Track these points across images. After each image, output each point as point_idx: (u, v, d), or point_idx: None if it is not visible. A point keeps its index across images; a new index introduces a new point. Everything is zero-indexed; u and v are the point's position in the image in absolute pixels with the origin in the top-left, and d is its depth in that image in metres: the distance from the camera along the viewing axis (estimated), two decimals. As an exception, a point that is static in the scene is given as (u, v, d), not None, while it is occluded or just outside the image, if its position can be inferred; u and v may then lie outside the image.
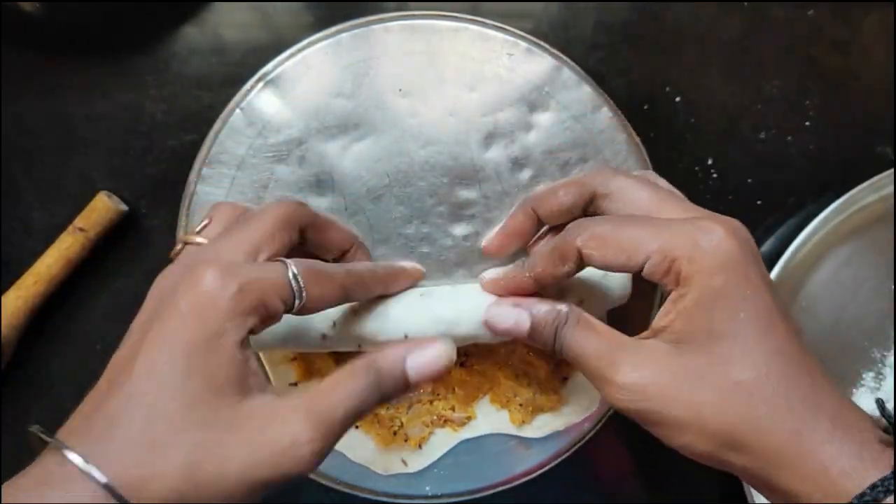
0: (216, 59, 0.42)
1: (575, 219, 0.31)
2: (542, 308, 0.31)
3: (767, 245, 0.43)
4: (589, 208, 0.33)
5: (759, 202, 0.44)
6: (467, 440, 0.40)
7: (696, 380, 0.27)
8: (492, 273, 0.34)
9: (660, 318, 0.28)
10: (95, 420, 0.24)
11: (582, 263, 0.30)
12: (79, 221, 0.40)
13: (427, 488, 0.39)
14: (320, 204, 0.37)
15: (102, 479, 0.23)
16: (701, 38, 0.43)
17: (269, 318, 0.27)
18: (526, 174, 0.38)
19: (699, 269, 0.27)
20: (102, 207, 0.40)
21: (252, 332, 0.26)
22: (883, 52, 0.44)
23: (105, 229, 0.41)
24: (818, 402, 0.26)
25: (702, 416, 0.26)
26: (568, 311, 0.30)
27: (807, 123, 0.44)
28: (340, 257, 0.35)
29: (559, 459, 0.39)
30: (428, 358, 0.28)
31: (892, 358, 0.43)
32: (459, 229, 0.38)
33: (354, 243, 0.35)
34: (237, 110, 0.37)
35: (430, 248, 0.37)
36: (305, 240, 0.32)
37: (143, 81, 0.42)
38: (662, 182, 0.34)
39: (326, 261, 0.33)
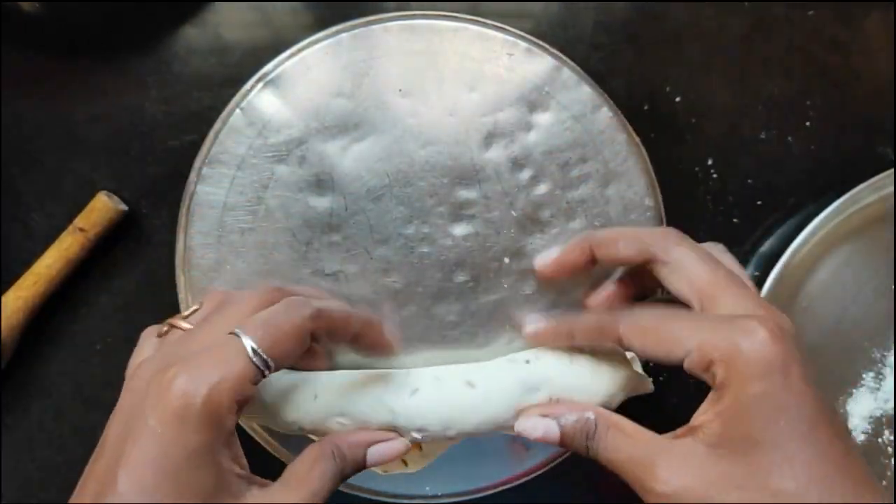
0: (216, 59, 0.42)
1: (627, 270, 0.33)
2: (571, 419, 0.31)
3: (767, 245, 0.43)
4: (646, 267, 0.32)
5: (759, 202, 0.44)
6: (467, 440, 0.40)
7: (734, 489, 0.26)
8: (533, 326, 0.35)
9: (697, 416, 0.28)
10: None
11: (622, 345, 0.30)
12: (79, 221, 0.40)
13: (427, 488, 0.39)
14: (320, 204, 0.37)
15: None
16: (701, 38, 0.43)
17: (245, 402, 0.27)
18: (526, 174, 0.38)
19: (737, 376, 0.26)
20: (102, 207, 0.40)
21: (231, 430, 0.26)
22: (883, 52, 0.44)
23: (105, 229, 0.41)
24: None
25: None
26: (596, 418, 0.30)
27: (807, 123, 0.44)
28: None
29: (559, 459, 0.39)
30: (387, 449, 0.32)
31: (892, 358, 0.43)
32: (459, 229, 0.38)
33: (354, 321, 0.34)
34: (237, 110, 0.37)
35: (430, 248, 0.37)
36: None
37: (143, 81, 0.42)
38: (727, 258, 0.32)
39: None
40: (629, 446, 0.29)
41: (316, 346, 0.32)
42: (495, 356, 0.37)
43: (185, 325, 0.30)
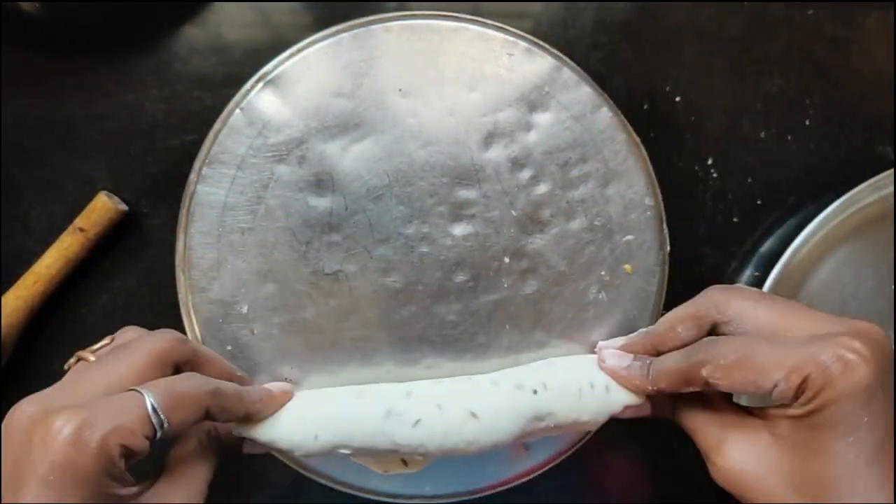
0: (216, 59, 0.42)
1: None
2: (682, 362, 0.30)
3: (767, 245, 0.43)
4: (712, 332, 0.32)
5: (759, 202, 0.44)
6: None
7: (790, 487, 0.27)
8: (612, 361, 0.34)
9: (776, 403, 0.28)
10: None
11: (707, 389, 0.30)
12: (79, 221, 0.40)
13: (427, 488, 0.39)
14: (320, 204, 0.37)
15: None
16: (701, 37, 0.43)
17: (132, 457, 0.27)
18: (526, 174, 0.38)
19: (821, 399, 0.26)
20: (102, 207, 0.40)
21: (121, 471, 0.26)
22: (883, 52, 0.44)
23: (105, 229, 0.41)
24: None
25: None
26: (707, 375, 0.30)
27: (807, 123, 0.44)
28: None
29: (559, 459, 0.39)
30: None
31: (892, 358, 0.43)
32: (459, 229, 0.38)
33: (234, 379, 0.34)
34: (237, 110, 0.37)
35: (430, 248, 0.37)
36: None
37: (144, 81, 0.42)
38: (779, 298, 0.32)
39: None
40: (705, 416, 0.30)
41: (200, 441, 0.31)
42: (497, 360, 0.37)
43: (90, 357, 0.30)
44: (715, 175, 0.44)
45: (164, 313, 0.40)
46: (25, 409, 0.27)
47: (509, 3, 0.42)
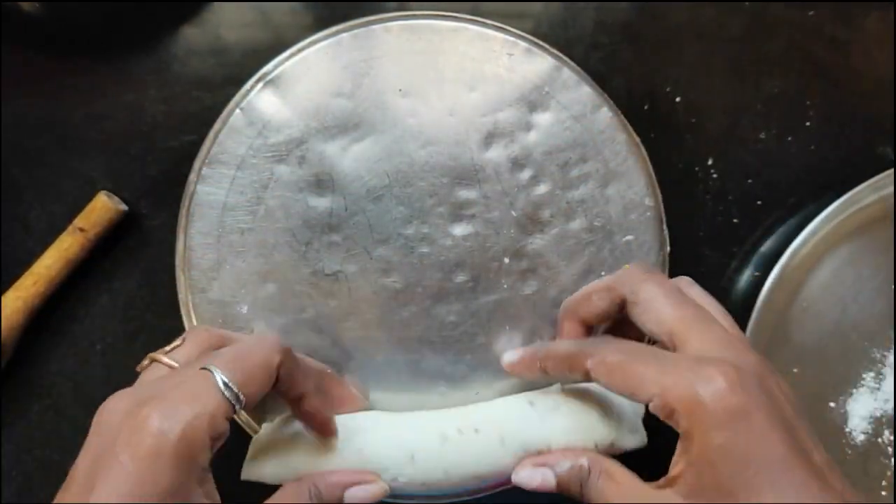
0: (216, 59, 0.42)
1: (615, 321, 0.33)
2: (565, 465, 0.31)
3: (767, 245, 0.43)
4: (623, 311, 0.33)
5: (759, 202, 0.44)
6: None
7: None
8: (509, 358, 0.36)
9: (673, 466, 0.28)
10: None
11: (591, 380, 0.30)
12: (79, 221, 0.40)
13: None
14: (320, 204, 0.37)
15: None
16: (701, 37, 0.43)
17: (219, 438, 0.27)
18: (526, 174, 0.38)
19: (699, 426, 0.26)
20: (102, 207, 0.40)
21: (203, 465, 0.26)
22: (883, 53, 0.44)
23: (105, 229, 0.41)
24: None
25: None
26: (589, 464, 0.31)
27: (807, 123, 0.44)
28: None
29: (559, 459, 0.39)
30: (364, 492, 0.32)
31: (892, 358, 0.43)
32: (459, 229, 0.38)
33: (324, 376, 0.35)
34: (237, 110, 0.37)
35: (430, 248, 0.37)
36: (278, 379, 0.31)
37: (143, 82, 0.42)
38: (696, 291, 0.33)
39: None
40: (617, 495, 0.29)
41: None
42: (497, 362, 0.37)
43: (167, 360, 0.30)
44: (715, 175, 0.44)
45: (164, 313, 0.40)
46: (118, 404, 0.27)
47: (509, 3, 0.42)
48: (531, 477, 0.32)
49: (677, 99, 0.43)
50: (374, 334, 0.37)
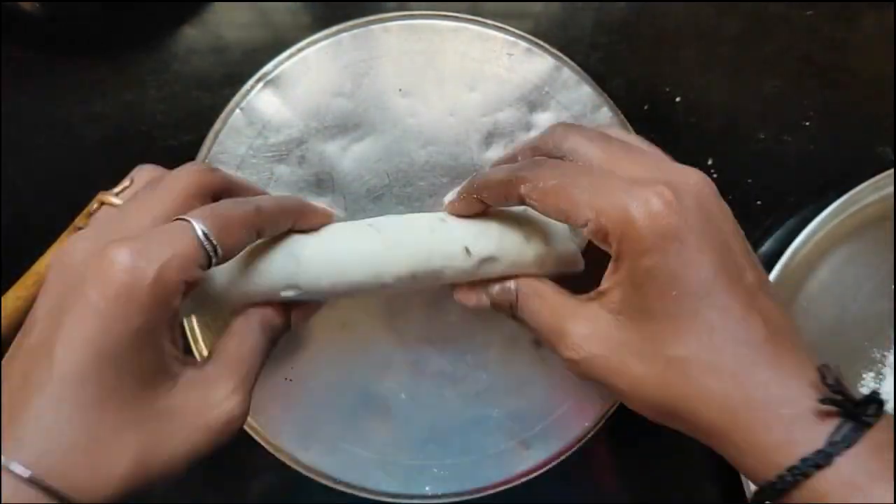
0: (216, 59, 0.42)
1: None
2: (495, 289, 0.32)
3: (767, 245, 0.43)
4: None
5: (758, 202, 0.44)
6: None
7: (633, 355, 0.27)
8: (449, 195, 0.36)
9: (604, 281, 0.28)
10: (27, 426, 0.23)
11: (527, 205, 0.29)
12: (79, 221, 0.40)
13: (427, 488, 0.39)
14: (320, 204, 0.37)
15: (53, 485, 0.22)
16: (701, 38, 0.43)
17: (191, 287, 0.26)
18: (526, 174, 0.38)
19: (629, 248, 0.26)
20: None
21: (176, 311, 0.26)
22: (882, 52, 0.44)
23: (105, 229, 0.41)
24: (753, 374, 0.25)
25: (642, 390, 0.26)
26: (517, 288, 0.31)
27: (806, 123, 0.44)
28: None
29: (559, 459, 0.39)
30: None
31: (892, 358, 0.43)
32: (459, 229, 0.38)
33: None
34: (237, 110, 0.37)
35: (430, 248, 0.37)
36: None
37: (143, 81, 0.42)
38: (632, 138, 0.32)
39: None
40: (545, 311, 0.30)
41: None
42: (498, 359, 0.37)
43: (115, 200, 0.30)
44: (715, 176, 0.44)
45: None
46: (79, 244, 0.26)
47: (509, 3, 0.42)
48: (467, 296, 0.33)
49: (677, 99, 0.43)
50: (375, 334, 0.37)
